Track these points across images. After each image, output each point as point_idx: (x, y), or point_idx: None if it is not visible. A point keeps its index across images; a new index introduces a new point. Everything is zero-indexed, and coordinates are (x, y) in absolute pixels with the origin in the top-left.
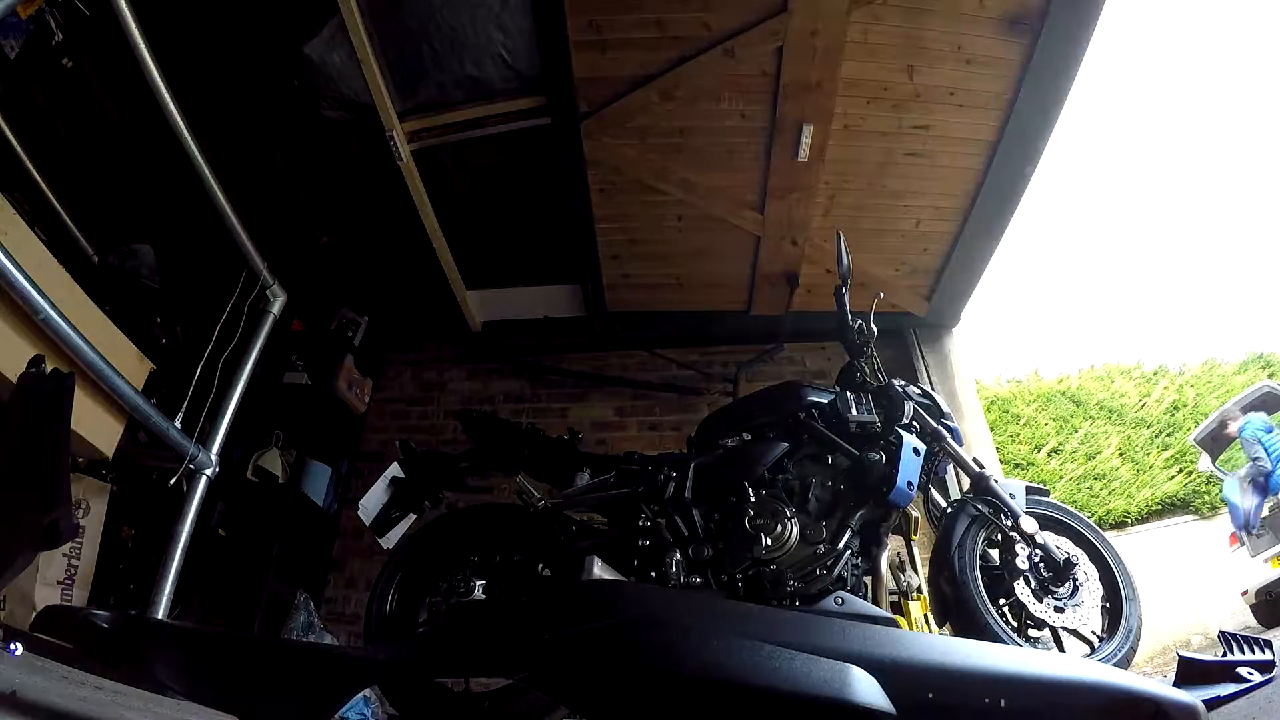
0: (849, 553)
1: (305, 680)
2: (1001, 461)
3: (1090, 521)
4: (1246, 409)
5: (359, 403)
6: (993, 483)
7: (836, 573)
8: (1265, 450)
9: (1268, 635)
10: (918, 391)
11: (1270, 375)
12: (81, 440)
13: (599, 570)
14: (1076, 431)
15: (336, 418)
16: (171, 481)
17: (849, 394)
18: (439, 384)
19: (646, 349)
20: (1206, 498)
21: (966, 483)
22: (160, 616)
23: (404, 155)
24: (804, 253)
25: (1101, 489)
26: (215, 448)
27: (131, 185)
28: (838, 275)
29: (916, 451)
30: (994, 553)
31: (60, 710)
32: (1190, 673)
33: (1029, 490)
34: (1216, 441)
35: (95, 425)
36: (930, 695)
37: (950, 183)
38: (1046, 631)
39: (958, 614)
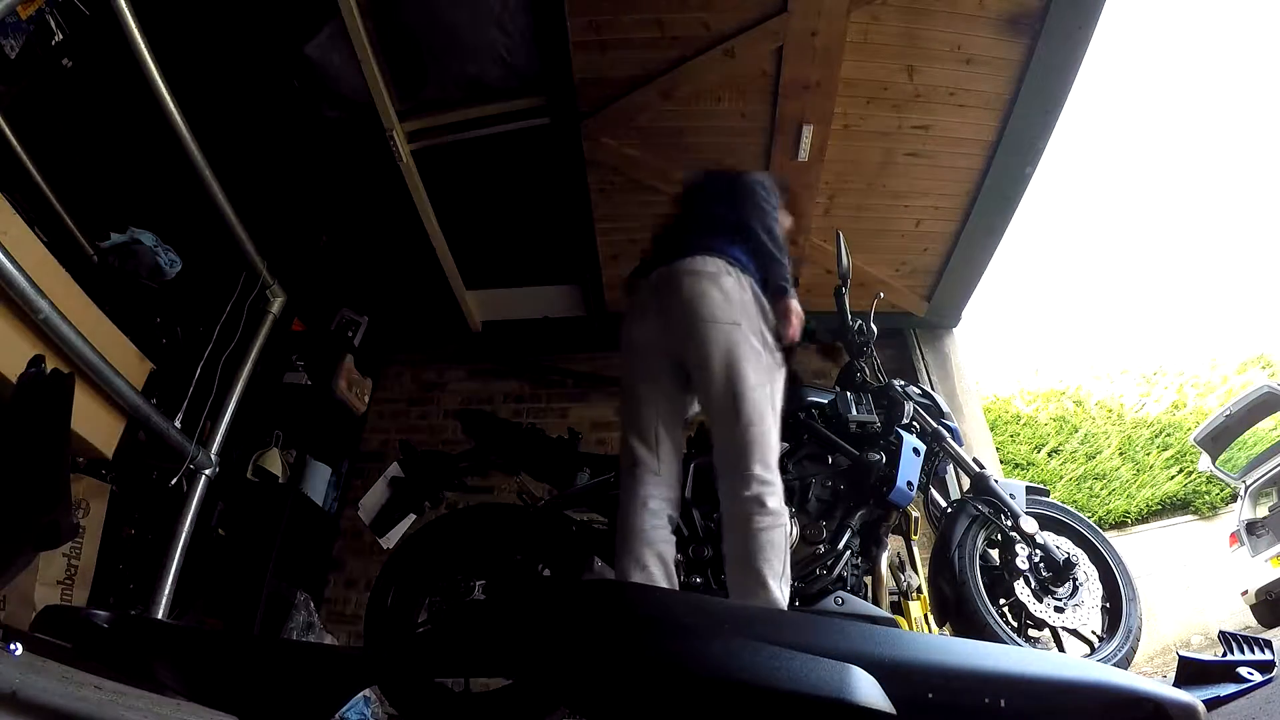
0: (849, 553)
1: (305, 680)
2: (1001, 461)
3: (1090, 521)
4: (1247, 409)
5: (359, 403)
6: (993, 483)
7: (836, 573)
8: None
9: (1268, 635)
10: (918, 392)
11: (1270, 375)
12: (81, 440)
13: (600, 570)
14: (1076, 431)
15: (336, 418)
16: (172, 481)
17: (849, 394)
18: (439, 384)
19: None
20: (1206, 498)
21: (966, 483)
22: (160, 616)
23: (404, 155)
24: (804, 253)
25: (1101, 489)
26: (215, 448)
27: (132, 185)
28: (838, 275)
29: (916, 451)
30: (994, 553)
31: (60, 710)
32: (1190, 673)
33: (1029, 490)
34: (1217, 442)
35: (95, 425)
36: (930, 695)
37: (950, 183)
38: (1046, 631)
39: (958, 614)
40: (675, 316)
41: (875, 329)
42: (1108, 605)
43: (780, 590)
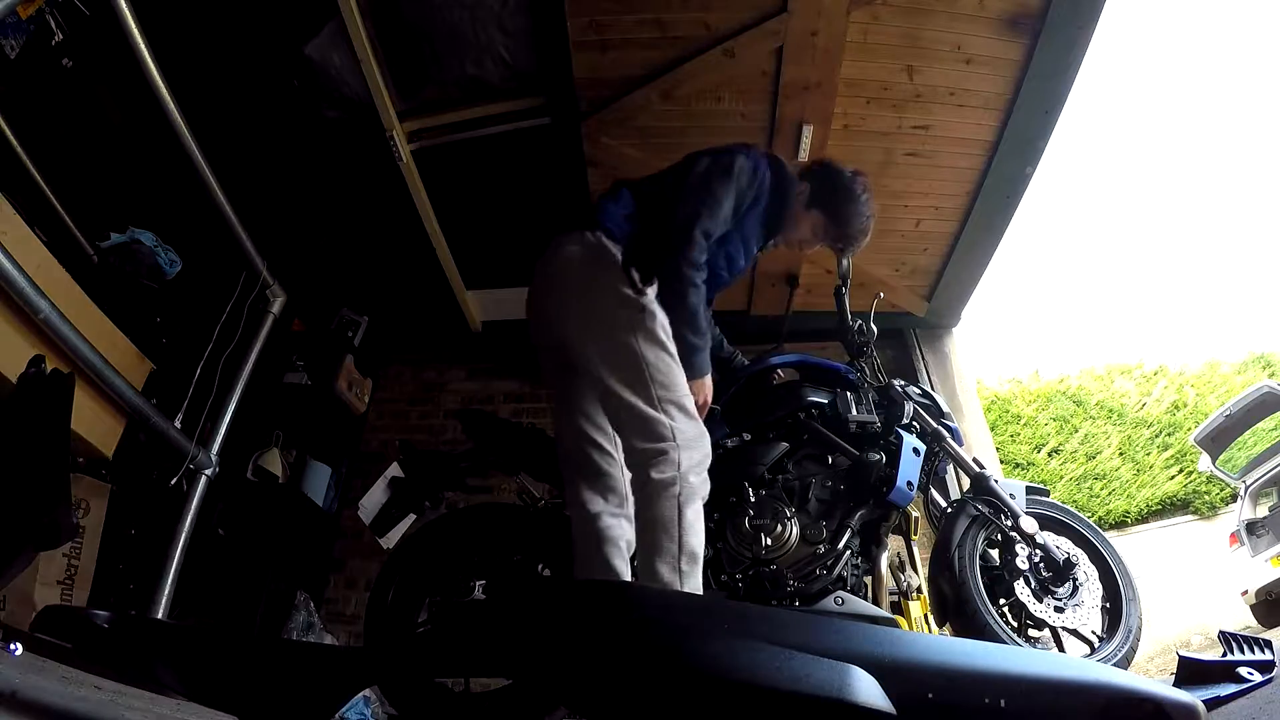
0: (849, 553)
1: (305, 680)
2: (1001, 461)
3: (1090, 522)
4: (1247, 410)
5: (359, 403)
6: (993, 483)
7: (836, 573)
8: None
9: (1267, 635)
10: (918, 391)
11: (1270, 375)
12: (81, 440)
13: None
14: (1076, 431)
15: (336, 418)
16: (172, 481)
17: (849, 394)
18: (439, 384)
19: None
20: (1206, 498)
21: (966, 483)
22: (160, 616)
23: (404, 155)
24: (804, 253)
25: (1101, 489)
26: (215, 448)
27: (132, 185)
28: (837, 275)
29: (916, 451)
30: (994, 553)
31: (60, 710)
32: (1190, 673)
33: (1029, 490)
34: (1217, 441)
35: (95, 425)
36: (930, 695)
37: (950, 183)
38: (1046, 631)
39: (958, 614)
40: (538, 308)
41: (875, 329)
42: (1108, 605)
43: (672, 576)
